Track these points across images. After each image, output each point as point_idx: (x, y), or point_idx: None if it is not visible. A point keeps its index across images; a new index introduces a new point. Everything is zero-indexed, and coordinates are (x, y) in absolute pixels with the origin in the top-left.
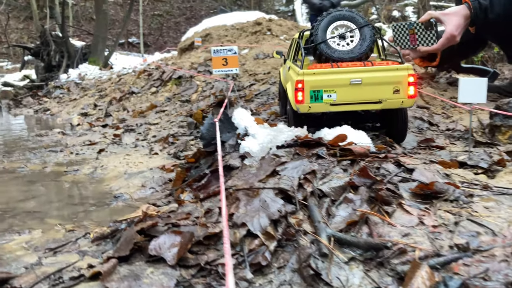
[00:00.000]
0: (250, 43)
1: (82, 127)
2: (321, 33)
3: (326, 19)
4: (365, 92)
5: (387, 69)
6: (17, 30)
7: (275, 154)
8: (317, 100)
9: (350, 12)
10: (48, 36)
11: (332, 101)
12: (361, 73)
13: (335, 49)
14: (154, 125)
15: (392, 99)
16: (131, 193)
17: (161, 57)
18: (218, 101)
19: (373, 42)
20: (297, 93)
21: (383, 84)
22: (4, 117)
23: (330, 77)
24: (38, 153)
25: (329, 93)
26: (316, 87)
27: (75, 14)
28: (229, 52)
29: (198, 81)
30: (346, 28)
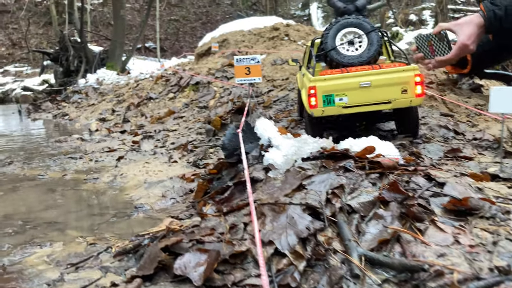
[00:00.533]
0: (267, 48)
1: (100, 132)
2: (331, 41)
3: (334, 27)
4: (374, 93)
5: (394, 71)
6: (37, 35)
7: (301, 167)
8: (330, 104)
9: (356, 19)
10: (67, 41)
11: (344, 104)
12: (370, 76)
13: (345, 55)
14: (172, 132)
15: (401, 99)
16: (152, 203)
17: (178, 62)
18: (237, 108)
19: (380, 46)
20: (310, 98)
21: (391, 85)
22: (23, 122)
23: (340, 81)
24: (57, 160)
25: (341, 96)
26: (327, 91)
27: (93, 20)
28: (252, 61)
29: (215, 87)
30: (354, 34)
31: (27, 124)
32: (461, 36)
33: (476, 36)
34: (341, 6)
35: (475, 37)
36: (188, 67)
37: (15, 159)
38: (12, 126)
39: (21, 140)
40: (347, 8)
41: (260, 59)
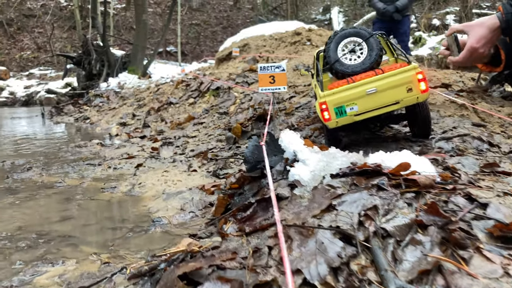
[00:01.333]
0: (289, 53)
1: (120, 137)
2: (333, 54)
3: (333, 41)
4: (382, 97)
5: (396, 73)
6: (61, 39)
7: (330, 185)
8: (342, 115)
9: (353, 29)
10: (89, 45)
11: (355, 112)
12: (374, 83)
13: (348, 65)
14: (192, 138)
15: (407, 97)
16: (170, 217)
17: (198, 66)
18: (258, 115)
19: (381, 49)
20: (323, 112)
21: (396, 87)
22: (46, 125)
23: (348, 93)
24: (76, 166)
25: (351, 106)
26: (338, 104)
27: (115, 24)
28: (276, 69)
29: (236, 92)
30: (353, 43)
31: (49, 127)
32: (471, 39)
33: (487, 39)
34: (380, 7)
35: (486, 40)
36: (208, 72)
37: (34, 165)
38: (35, 128)
39: (42, 144)
40: (386, 9)
41: (285, 67)
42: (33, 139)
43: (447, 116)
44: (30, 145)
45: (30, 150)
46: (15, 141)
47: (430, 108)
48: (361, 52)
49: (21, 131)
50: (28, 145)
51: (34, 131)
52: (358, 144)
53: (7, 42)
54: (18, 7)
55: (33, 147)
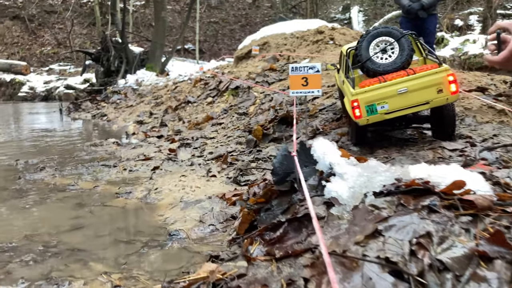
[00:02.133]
0: (311, 52)
1: (137, 136)
2: (364, 52)
3: (365, 39)
4: (412, 97)
5: (428, 74)
6: (81, 35)
7: (373, 205)
8: (373, 113)
9: (385, 28)
10: (108, 41)
11: (385, 110)
12: (406, 83)
13: (380, 64)
14: (210, 140)
15: (437, 98)
16: (188, 230)
17: (216, 65)
18: (280, 117)
19: (412, 49)
20: (354, 110)
21: (427, 88)
22: (63, 121)
23: (379, 91)
24: (91, 167)
25: (382, 104)
26: (369, 102)
27: (135, 21)
28: (310, 70)
29: (256, 92)
30: (385, 42)
31: (66, 124)
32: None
33: None
34: (405, 4)
35: None
36: (227, 71)
37: (48, 164)
38: (52, 125)
39: (57, 142)
40: (411, 7)
41: (320, 68)
42: (49, 136)
43: (485, 122)
44: (45, 143)
45: (45, 148)
46: (32, 137)
47: (466, 113)
48: (392, 52)
49: (38, 127)
50: (43, 143)
51: (51, 127)
52: (387, 146)
53: (28, 37)
54: (40, 3)
55: (48, 145)
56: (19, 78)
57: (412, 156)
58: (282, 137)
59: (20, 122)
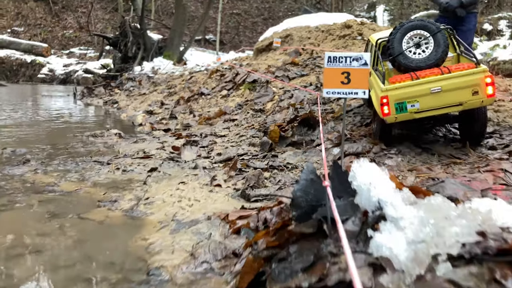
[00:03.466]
0: (336, 48)
1: (143, 128)
2: (397, 45)
3: (399, 31)
4: (445, 97)
5: (464, 74)
6: (103, 20)
7: (452, 281)
8: (402, 111)
9: (421, 21)
10: (127, 27)
11: (416, 109)
12: (440, 82)
13: (412, 59)
14: (220, 138)
15: (472, 100)
16: (173, 268)
17: (235, 56)
18: (301, 118)
19: (447, 46)
20: (383, 107)
21: (462, 88)
22: (73, 106)
23: (411, 89)
24: (81, 163)
25: (412, 103)
26: (400, 99)
27: (157, 8)
28: (354, 63)
29: (274, 87)
30: (419, 36)
31: (76, 109)
32: None
33: None
34: (443, 1)
35: None
36: (245, 63)
37: (36, 156)
38: (61, 110)
39: (58, 128)
40: (449, 4)
41: (368, 59)
42: (53, 121)
43: None
44: (46, 129)
45: (42, 135)
46: (35, 122)
47: None
48: (426, 47)
49: (46, 112)
50: (44, 128)
51: (58, 112)
52: (429, 161)
53: (51, 20)
54: None
55: (47, 132)
56: (39, 60)
57: (466, 180)
58: (302, 142)
59: (31, 104)
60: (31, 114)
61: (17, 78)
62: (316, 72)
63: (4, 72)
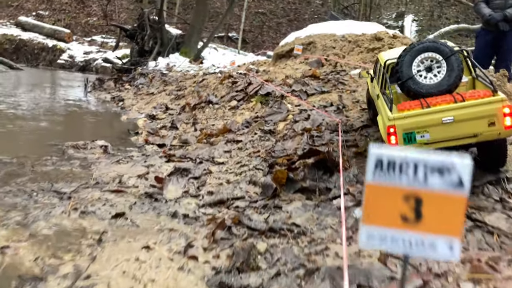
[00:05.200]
0: (363, 61)
1: (138, 138)
2: (406, 69)
3: (409, 54)
4: (458, 128)
5: (480, 104)
6: (127, 10)
7: None
8: (411, 141)
9: (433, 43)
10: (145, 19)
11: (426, 140)
12: (453, 111)
13: (423, 84)
14: (217, 166)
15: (488, 132)
16: None
17: (254, 59)
18: (316, 159)
19: (462, 70)
20: (390, 137)
21: (476, 119)
22: (80, 100)
23: (421, 118)
24: (37, 193)
25: (422, 133)
26: (408, 129)
27: (182, 2)
28: (435, 178)
29: (289, 103)
30: (431, 59)
31: (79, 103)
32: None
33: None
34: (486, 13)
35: None
36: (262, 69)
37: None
38: (62, 104)
39: (42, 131)
40: (492, 17)
41: (467, 174)
42: (43, 120)
43: None
44: (28, 129)
45: (18, 140)
46: (21, 121)
47: None
48: (438, 71)
49: (44, 105)
50: (26, 129)
51: (56, 107)
52: None
53: (76, 6)
54: None
55: (26, 134)
56: (60, 45)
57: None
58: (315, 189)
59: (34, 95)
60: (23, 108)
61: (37, 62)
62: (339, 90)
63: (26, 55)
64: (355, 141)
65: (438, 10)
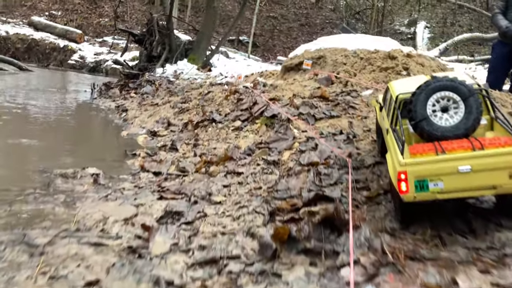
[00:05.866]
0: (376, 81)
1: (135, 162)
2: (420, 109)
3: (424, 93)
4: (475, 179)
5: (500, 153)
6: (139, 11)
7: None
8: (423, 190)
9: (451, 82)
10: (154, 24)
11: (439, 190)
12: (470, 160)
13: (438, 126)
14: (214, 206)
15: (508, 185)
16: None
17: (264, 69)
18: (323, 216)
19: (481, 113)
20: (400, 183)
21: (496, 170)
22: (84, 107)
23: (435, 166)
24: (2, 249)
25: (436, 181)
26: (420, 177)
27: (194, 5)
28: None
29: (296, 129)
30: (448, 99)
31: (81, 113)
32: None
33: None
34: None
35: None
36: (270, 82)
37: None
38: (64, 114)
39: (31, 154)
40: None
41: None
42: (36, 135)
43: None
44: (14, 153)
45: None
46: (7, 140)
47: None
48: (455, 112)
49: (40, 116)
50: (10, 153)
51: (54, 118)
52: None
53: (88, 6)
54: None
55: (10, 161)
56: (71, 46)
57: None
58: (320, 251)
59: (34, 102)
60: (21, 119)
61: (48, 62)
62: (349, 115)
63: (37, 55)
64: (366, 181)
65: (451, 18)
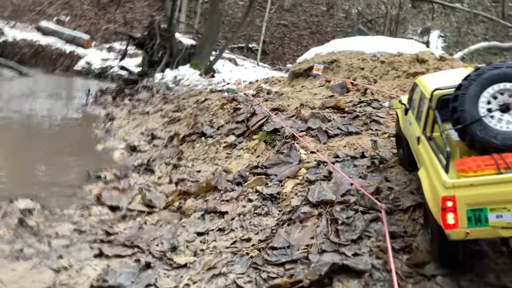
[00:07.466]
0: (401, 89)
1: (92, 190)
2: (470, 106)
3: (474, 84)
4: None
5: None
6: (149, 18)
7: None
8: (479, 224)
9: None
10: (155, 28)
11: (504, 223)
12: None
13: (497, 131)
14: (175, 273)
15: None
16: None
17: (270, 75)
18: None
19: None
20: (446, 214)
21: None
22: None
23: (498, 189)
24: None
25: (499, 211)
26: (476, 204)
27: (203, 11)
28: None
29: (303, 148)
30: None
31: (63, 123)
32: None
33: None
34: None
35: None
36: (275, 89)
37: None
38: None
39: None
40: None
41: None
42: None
43: None
44: None
45: None
46: None
47: None
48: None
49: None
50: None
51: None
52: None
53: (97, 12)
54: None
55: None
56: (78, 51)
57: None
58: None
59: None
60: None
61: (55, 68)
62: (373, 131)
63: (44, 60)
64: (406, 235)
65: (466, 27)
